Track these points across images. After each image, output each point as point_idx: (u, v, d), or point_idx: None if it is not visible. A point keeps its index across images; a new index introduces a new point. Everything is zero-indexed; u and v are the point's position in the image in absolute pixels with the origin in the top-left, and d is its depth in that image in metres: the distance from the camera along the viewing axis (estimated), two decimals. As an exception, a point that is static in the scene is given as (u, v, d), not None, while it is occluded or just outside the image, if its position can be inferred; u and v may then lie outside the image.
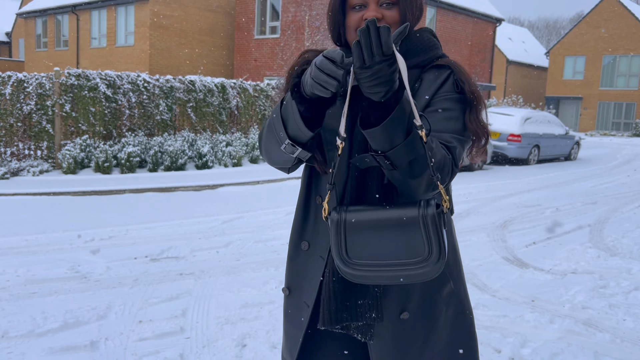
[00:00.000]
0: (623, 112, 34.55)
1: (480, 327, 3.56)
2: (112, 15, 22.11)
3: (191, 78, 12.11)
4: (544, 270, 4.97)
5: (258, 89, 13.33)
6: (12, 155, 9.86)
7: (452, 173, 1.31)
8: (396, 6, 1.36)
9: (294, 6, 18.81)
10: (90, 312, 3.65)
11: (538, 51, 44.55)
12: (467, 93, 1.37)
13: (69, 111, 10.24)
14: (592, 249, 5.69)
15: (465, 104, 1.37)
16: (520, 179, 11.73)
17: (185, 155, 10.91)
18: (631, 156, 18.65)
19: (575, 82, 36.42)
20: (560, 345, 3.33)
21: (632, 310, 3.97)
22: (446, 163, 1.27)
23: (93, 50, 23.40)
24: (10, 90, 9.79)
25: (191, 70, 21.26)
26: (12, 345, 3.16)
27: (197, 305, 3.88)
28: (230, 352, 3.15)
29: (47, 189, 8.28)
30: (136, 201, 7.97)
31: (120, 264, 4.80)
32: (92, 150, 10.19)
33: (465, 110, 1.37)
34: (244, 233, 6.05)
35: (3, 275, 4.40)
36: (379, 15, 1.35)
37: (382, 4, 1.36)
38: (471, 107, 1.37)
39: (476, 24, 23.67)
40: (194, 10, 21.64)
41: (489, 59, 25.10)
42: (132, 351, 3.13)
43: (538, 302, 4.12)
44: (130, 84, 11.05)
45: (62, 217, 6.71)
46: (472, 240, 5.93)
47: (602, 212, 7.92)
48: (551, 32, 78.15)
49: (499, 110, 15.28)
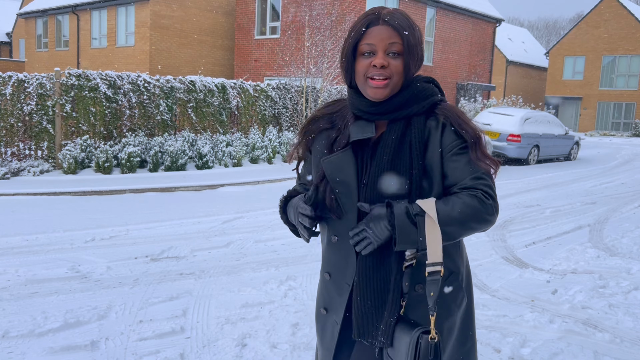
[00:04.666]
0: (622, 112, 34.54)
1: (480, 327, 3.57)
2: (113, 16, 22.12)
3: (191, 78, 12.11)
4: (544, 270, 4.97)
5: (258, 89, 13.34)
6: (12, 155, 9.86)
7: (487, 207, 1.45)
8: (401, 56, 1.50)
9: (294, 6, 18.81)
10: (91, 312, 3.65)
11: (538, 51, 44.55)
12: (468, 139, 1.50)
13: (70, 111, 10.25)
14: (591, 249, 5.69)
15: (471, 148, 1.51)
16: (520, 179, 11.73)
17: (186, 156, 10.91)
18: (631, 156, 18.65)
19: (574, 82, 36.41)
20: (559, 345, 3.33)
21: (631, 310, 3.97)
22: (474, 207, 1.43)
23: (93, 50, 23.41)
24: (11, 90, 9.79)
25: (191, 71, 21.27)
26: (12, 345, 3.16)
27: (198, 305, 3.89)
28: (230, 351, 3.15)
29: (47, 189, 8.29)
30: (136, 201, 7.97)
31: (121, 264, 4.81)
32: (93, 150, 10.19)
33: (471, 153, 1.51)
34: (244, 233, 6.05)
35: (4, 275, 4.41)
36: (385, 63, 1.48)
37: (388, 53, 1.49)
38: (476, 148, 1.50)
39: (476, 24, 23.67)
40: (194, 10, 21.65)
41: (489, 59, 25.10)
42: (133, 351, 3.14)
43: (538, 302, 4.12)
44: (130, 84, 11.06)
45: (62, 217, 6.72)
46: (472, 240, 5.93)
47: (602, 212, 7.92)
48: (551, 32, 78.14)
49: (499, 111, 15.28)
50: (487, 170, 1.49)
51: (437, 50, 21.87)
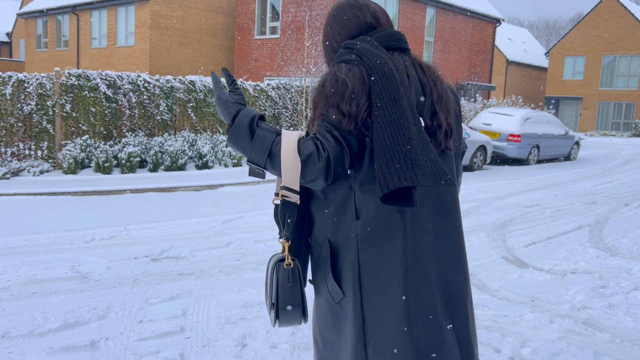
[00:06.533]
0: (623, 112, 34.54)
1: (480, 327, 3.57)
2: (113, 16, 22.11)
3: (191, 78, 12.11)
4: (544, 270, 4.97)
5: (258, 89, 13.34)
6: (12, 155, 9.86)
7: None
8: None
9: (294, 6, 18.81)
10: (91, 312, 3.65)
11: (538, 51, 44.55)
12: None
13: (70, 111, 10.25)
14: (591, 249, 5.69)
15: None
16: (520, 179, 11.73)
17: (186, 156, 10.91)
18: (631, 156, 18.65)
19: (575, 82, 36.42)
20: (560, 345, 3.33)
21: (631, 310, 3.97)
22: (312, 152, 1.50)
23: (93, 50, 23.41)
24: (11, 90, 9.79)
25: (191, 71, 21.26)
26: (12, 345, 3.16)
27: (198, 305, 3.89)
28: (230, 351, 3.15)
29: (47, 189, 8.29)
30: (136, 201, 7.97)
31: (121, 264, 4.81)
32: (93, 150, 10.19)
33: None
34: (244, 233, 6.05)
35: (4, 275, 4.41)
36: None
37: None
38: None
39: (476, 24, 23.67)
40: (194, 10, 21.64)
41: (489, 59, 25.10)
42: (133, 351, 3.14)
43: (538, 302, 4.12)
44: (130, 84, 11.06)
45: (62, 217, 6.72)
46: (472, 240, 5.93)
47: (602, 212, 7.92)
48: (551, 32, 78.15)
49: (499, 111, 15.28)
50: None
51: (437, 50, 21.86)
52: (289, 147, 1.45)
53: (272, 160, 1.46)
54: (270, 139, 1.47)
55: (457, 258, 1.60)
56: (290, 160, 1.44)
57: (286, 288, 1.51)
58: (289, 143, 1.45)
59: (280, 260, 1.53)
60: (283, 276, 1.51)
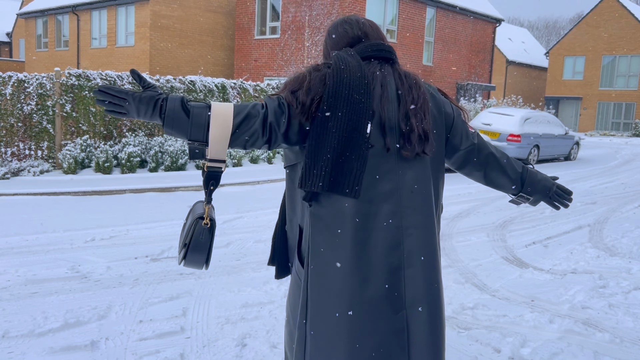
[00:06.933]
0: (623, 112, 34.54)
1: (480, 327, 3.57)
2: (113, 16, 22.12)
3: (191, 78, 12.11)
4: (544, 270, 4.97)
5: (258, 89, 13.34)
6: (12, 155, 9.86)
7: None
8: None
9: (294, 6, 18.81)
10: (91, 312, 3.65)
11: (538, 51, 44.55)
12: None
13: (70, 111, 10.25)
14: (591, 249, 5.69)
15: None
16: (520, 179, 11.71)
17: (186, 156, 10.91)
18: (631, 156, 18.65)
19: (574, 82, 36.41)
20: (559, 345, 3.33)
21: (631, 310, 3.97)
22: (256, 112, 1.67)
23: (93, 50, 23.41)
24: (11, 90, 9.79)
25: (191, 71, 21.27)
26: (12, 345, 3.16)
27: (198, 305, 3.89)
28: (230, 351, 3.16)
29: (47, 189, 8.29)
30: (136, 201, 7.97)
31: (121, 264, 4.81)
32: (93, 150, 10.20)
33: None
34: (244, 233, 6.05)
35: (4, 275, 4.41)
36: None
37: None
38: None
39: (476, 24, 23.68)
40: (194, 10, 21.65)
41: (489, 59, 25.10)
42: (133, 351, 3.14)
43: (538, 302, 4.13)
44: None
45: (62, 217, 6.72)
46: (472, 240, 5.93)
47: (602, 212, 7.93)
48: (551, 32, 78.14)
49: (499, 111, 15.28)
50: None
51: (437, 50, 21.87)
52: (217, 119, 1.54)
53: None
54: (205, 113, 1.56)
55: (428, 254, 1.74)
56: (218, 131, 1.55)
57: (199, 239, 1.68)
58: (218, 115, 1.56)
59: (200, 217, 1.69)
60: (199, 231, 1.68)
